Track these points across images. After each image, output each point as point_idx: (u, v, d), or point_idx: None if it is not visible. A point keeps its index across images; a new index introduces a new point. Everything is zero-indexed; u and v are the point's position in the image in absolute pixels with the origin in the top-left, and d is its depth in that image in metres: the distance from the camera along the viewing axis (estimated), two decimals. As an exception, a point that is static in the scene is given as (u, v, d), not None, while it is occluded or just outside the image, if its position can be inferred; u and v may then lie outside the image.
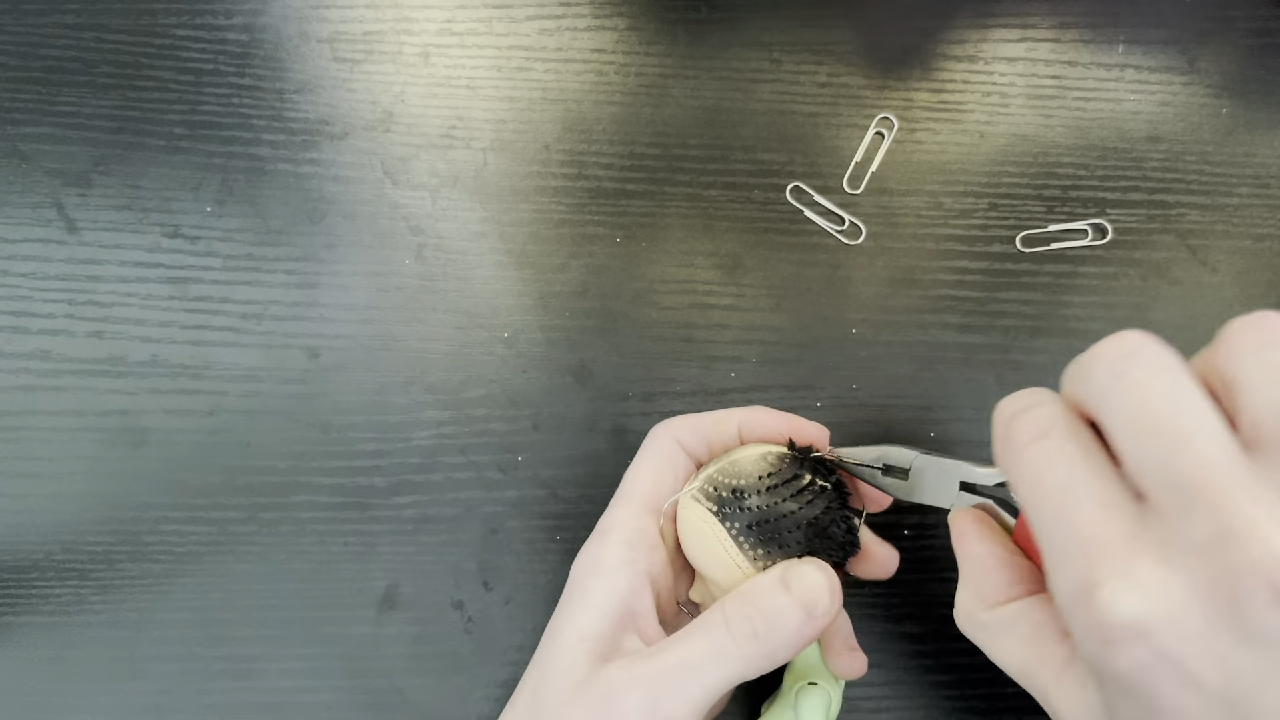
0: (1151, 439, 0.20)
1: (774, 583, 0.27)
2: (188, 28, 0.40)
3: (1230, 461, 0.18)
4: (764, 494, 0.28)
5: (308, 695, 0.35)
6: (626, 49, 0.40)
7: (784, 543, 0.28)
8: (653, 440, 0.31)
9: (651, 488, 0.30)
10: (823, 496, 0.28)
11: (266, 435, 0.37)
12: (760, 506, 0.27)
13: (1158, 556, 0.19)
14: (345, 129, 0.39)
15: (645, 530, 0.29)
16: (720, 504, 0.28)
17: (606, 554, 0.28)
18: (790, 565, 0.27)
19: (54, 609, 0.35)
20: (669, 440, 0.30)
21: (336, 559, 0.36)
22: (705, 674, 0.25)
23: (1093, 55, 0.40)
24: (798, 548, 0.28)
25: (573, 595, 0.28)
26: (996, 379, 0.38)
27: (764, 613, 0.26)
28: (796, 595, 0.26)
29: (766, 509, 0.27)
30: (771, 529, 0.27)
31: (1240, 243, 0.39)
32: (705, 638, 0.26)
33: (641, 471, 0.30)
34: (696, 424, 0.31)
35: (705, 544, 0.28)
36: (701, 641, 0.26)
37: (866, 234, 0.39)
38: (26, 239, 0.38)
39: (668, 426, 0.31)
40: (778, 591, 0.26)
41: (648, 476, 0.30)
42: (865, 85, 0.40)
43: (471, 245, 0.38)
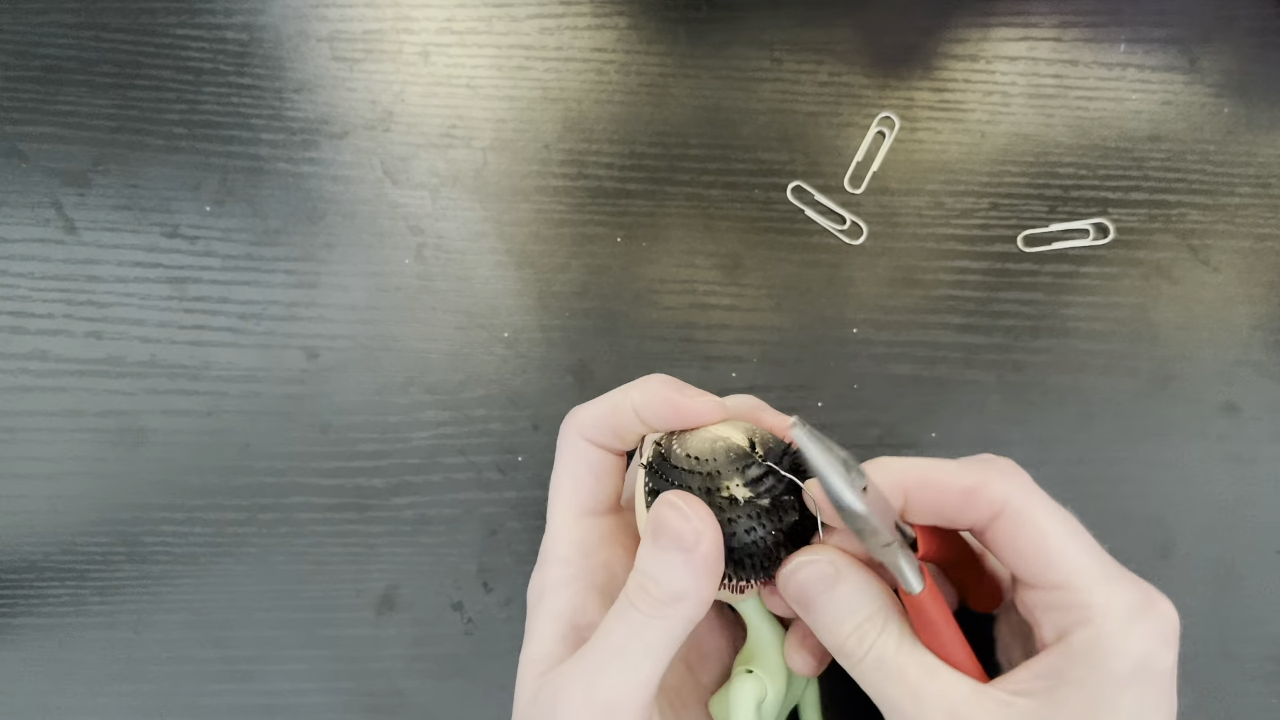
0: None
1: (644, 537, 0.26)
2: (187, 27, 0.40)
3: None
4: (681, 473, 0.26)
5: (306, 697, 0.35)
6: (627, 48, 0.40)
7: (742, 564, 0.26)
8: (562, 443, 0.30)
9: (572, 492, 0.29)
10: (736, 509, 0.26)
11: (265, 436, 0.36)
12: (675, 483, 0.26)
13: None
14: (345, 128, 0.39)
15: (580, 540, 0.28)
16: (650, 461, 0.27)
17: (546, 576, 0.28)
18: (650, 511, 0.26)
19: (52, 610, 0.35)
20: (576, 440, 0.29)
21: (335, 560, 0.36)
22: (631, 652, 0.25)
23: (1094, 54, 0.40)
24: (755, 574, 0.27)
25: (527, 626, 0.28)
26: (998, 379, 0.37)
27: (648, 572, 0.25)
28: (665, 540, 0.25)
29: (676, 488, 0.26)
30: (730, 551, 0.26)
31: (1242, 242, 0.39)
32: (618, 618, 0.25)
33: (561, 480, 0.29)
34: (597, 415, 0.29)
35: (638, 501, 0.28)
36: (616, 622, 0.25)
37: (868, 234, 0.38)
38: (25, 239, 0.38)
39: (572, 422, 0.29)
40: (649, 545, 0.26)
41: (567, 483, 0.29)
42: (866, 84, 0.40)
43: (471, 245, 0.38)
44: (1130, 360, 0.37)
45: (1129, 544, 0.35)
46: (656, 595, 0.25)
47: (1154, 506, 0.36)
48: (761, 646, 0.29)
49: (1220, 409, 0.37)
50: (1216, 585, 0.28)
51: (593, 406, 0.29)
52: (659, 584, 0.25)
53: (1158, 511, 0.36)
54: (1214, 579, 0.27)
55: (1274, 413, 0.37)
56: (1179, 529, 0.36)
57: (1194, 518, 0.36)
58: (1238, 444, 0.37)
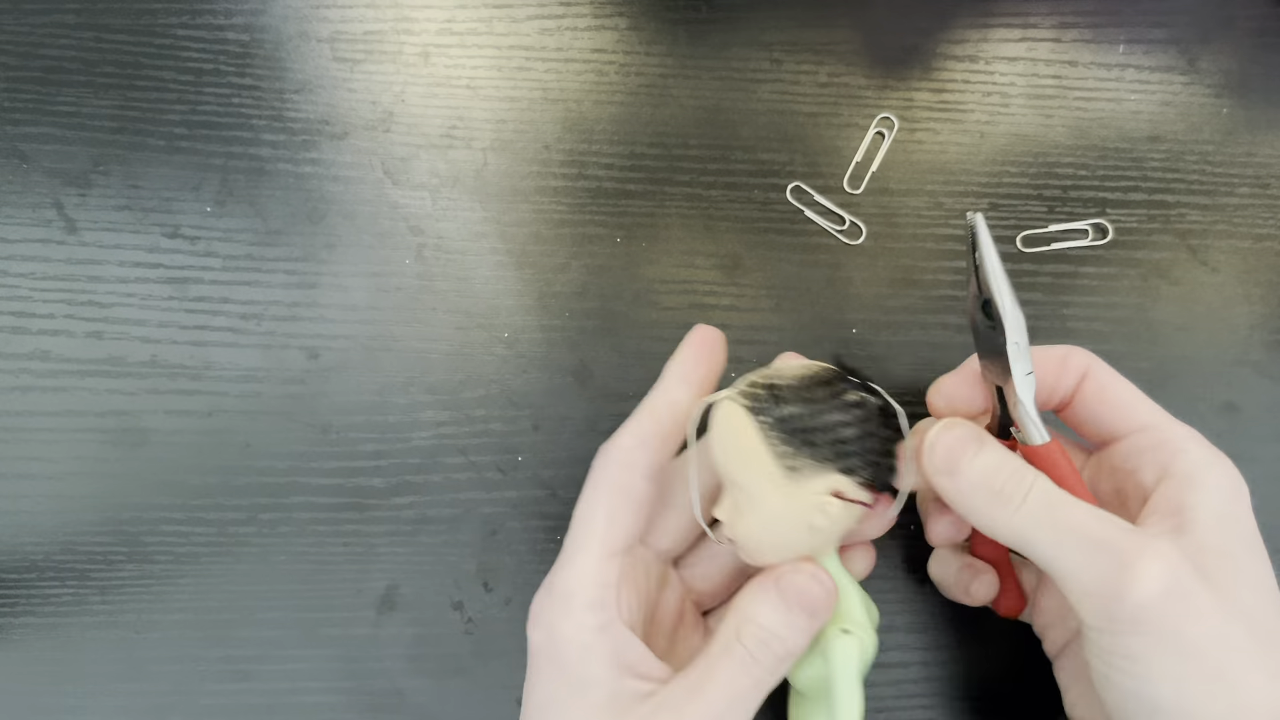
0: None
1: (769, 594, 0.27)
2: (188, 27, 0.40)
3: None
4: (800, 391, 0.26)
5: (307, 696, 0.35)
6: (627, 49, 0.40)
7: (812, 440, 0.26)
8: (598, 474, 0.28)
9: (607, 529, 0.27)
10: (862, 408, 0.27)
11: (266, 436, 0.37)
12: (794, 402, 0.26)
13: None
14: (345, 129, 0.39)
15: (610, 579, 0.27)
16: (754, 399, 0.27)
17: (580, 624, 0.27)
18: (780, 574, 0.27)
19: (53, 610, 0.35)
20: (617, 469, 0.28)
21: (336, 560, 0.36)
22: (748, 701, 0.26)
23: (1093, 55, 0.40)
24: (828, 450, 0.26)
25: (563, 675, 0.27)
26: (997, 379, 0.37)
27: (772, 630, 0.26)
28: (800, 604, 0.26)
29: (799, 406, 0.26)
30: (801, 424, 0.26)
31: (1241, 243, 0.39)
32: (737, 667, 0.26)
33: (595, 513, 0.28)
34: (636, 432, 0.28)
35: (732, 437, 0.27)
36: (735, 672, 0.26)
37: (867, 234, 0.38)
38: (26, 239, 0.38)
39: (612, 450, 0.28)
40: (779, 604, 0.26)
41: (601, 518, 0.28)
42: (866, 85, 0.40)
43: (471, 245, 0.38)
44: (1129, 360, 0.37)
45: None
46: (779, 653, 0.26)
47: (1153, 506, 0.36)
48: (848, 604, 0.29)
49: (1220, 409, 0.37)
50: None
51: (626, 430, 0.28)
52: (784, 644, 0.26)
53: (1157, 511, 0.36)
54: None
55: (1273, 413, 0.37)
56: (1178, 529, 0.36)
57: (1193, 517, 0.36)
58: (1237, 444, 0.37)
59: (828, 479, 0.26)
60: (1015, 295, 0.26)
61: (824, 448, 0.26)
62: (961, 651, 0.35)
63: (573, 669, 0.26)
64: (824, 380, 0.27)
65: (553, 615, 0.27)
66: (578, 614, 0.27)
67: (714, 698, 0.26)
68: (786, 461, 0.26)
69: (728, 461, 0.27)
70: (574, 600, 0.27)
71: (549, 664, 0.27)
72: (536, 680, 0.28)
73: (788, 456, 0.26)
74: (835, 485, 0.26)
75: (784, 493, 0.26)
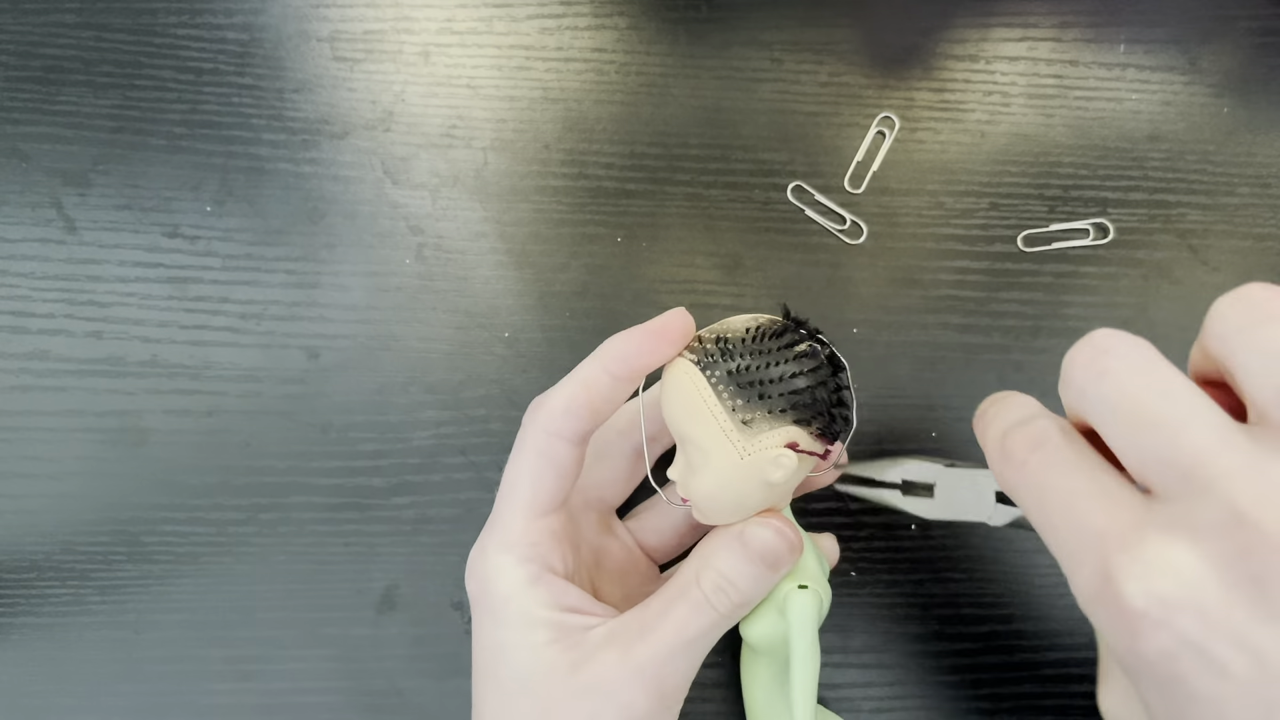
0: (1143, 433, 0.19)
1: (731, 543, 0.27)
2: (187, 27, 0.40)
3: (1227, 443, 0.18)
4: (749, 343, 0.26)
5: (307, 696, 0.35)
6: (627, 48, 0.40)
7: (765, 393, 0.26)
8: (525, 437, 0.28)
9: (531, 493, 0.28)
10: (812, 358, 0.26)
11: (266, 435, 0.37)
12: (743, 356, 0.26)
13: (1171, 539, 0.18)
14: (345, 128, 0.39)
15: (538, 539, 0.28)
16: (703, 354, 0.26)
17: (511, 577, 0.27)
18: (745, 525, 0.27)
19: (53, 610, 0.35)
20: (540, 434, 0.28)
21: (336, 559, 0.36)
22: (700, 645, 0.26)
23: (1094, 54, 0.40)
24: (780, 401, 0.26)
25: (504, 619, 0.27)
26: (998, 379, 0.37)
27: (730, 577, 0.26)
28: (762, 557, 0.26)
29: (749, 358, 0.26)
30: (752, 377, 0.26)
31: (1242, 242, 0.39)
32: (691, 610, 0.26)
33: (520, 477, 0.28)
34: (568, 400, 0.27)
35: (683, 395, 0.26)
36: (689, 615, 0.26)
37: (868, 233, 0.38)
38: (26, 239, 0.38)
39: (538, 416, 0.28)
40: (739, 553, 0.26)
41: (525, 482, 0.28)
42: (866, 84, 0.40)
43: (471, 245, 0.38)
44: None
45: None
46: (735, 600, 0.26)
47: (1154, 506, 0.36)
48: (804, 558, 0.28)
49: (1220, 409, 0.37)
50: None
51: (558, 394, 0.28)
52: (741, 592, 0.26)
53: (1158, 511, 0.36)
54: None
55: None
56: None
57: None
58: (1238, 444, 0.37)
59: (783, 430, 0.26)
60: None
61: (777, 399, 0.26)
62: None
63: (512, 617, 0.27)
64: (774, 332, 0.27)
65: (485, 571, 0.28)
66: (509, 570, 0.27)
67: (666, 637, 0.26)
68: (740, 415, 0.26)
69: (680, 419, 0.27)
70: (504, 558, 0.27)
71: (489, 616, 0.28)
72: (479, 632, 0.28)
73: (741, 410, 0.26)
74: (790, 436, 0.26)
75: (739, 447, 0.26)
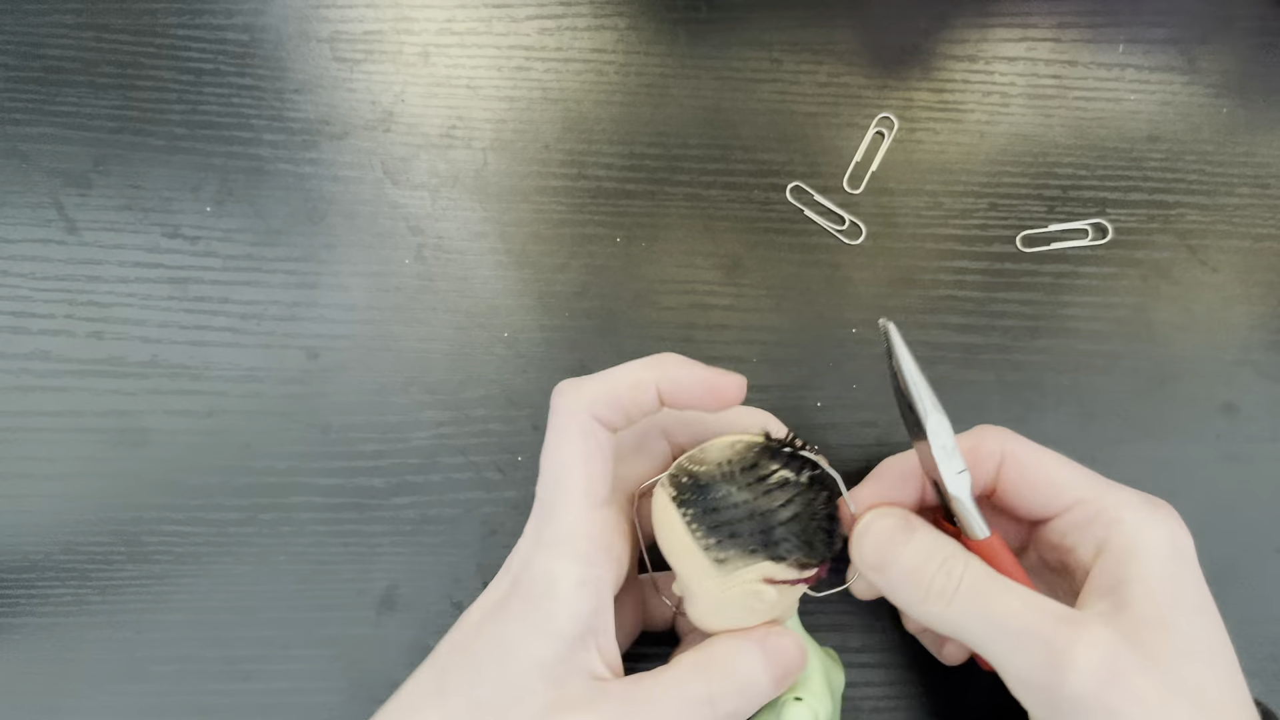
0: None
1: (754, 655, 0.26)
2: (188, 28, 0.40)
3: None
4: (720, 481, 0.26)
5: (306, 696, 0.35)
6: (627, 49, 0.40)
7: (735, 533, 0.26)
8: (566, 421, 0.26)
9: (586, 479, 0.26)
10: (785, 490, 0.26)
11: (266, 436, 0.37)
12: (715, 493, 0.26)
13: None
14: (345, 129, 0.39)
15: (598, 536, 0.26)
16: (680, 489, 0.26)
17: (563, 571, 0.25)
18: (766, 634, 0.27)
19: (53, 610, 0.35)
20: (586, 419, 0.26)
21: (336, 560, 0.36)
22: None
23: (1093, 55, 0.40)
24: (753, 540, 0.26)
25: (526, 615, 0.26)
26: (997, 379, 0.37)
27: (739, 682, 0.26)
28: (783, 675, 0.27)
29: (720, 497, 0.26)
30: (722, 517, 0.26)
31: (1241, 243, 0.39)
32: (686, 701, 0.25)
33: (571, 464, 0.26)
34: (611, 392, 0.26)
35: (666, 530, 0.27)
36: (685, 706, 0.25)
37: (866, 234, 0.38)
38: (26, 239, 0.38)
39: (579, 396, 0.26)
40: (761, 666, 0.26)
41: (579, 469, 0.26)
42: (865, 85, 0.40)
43: (471, 245, 0.38)
44: (1129, 360, 0.37)
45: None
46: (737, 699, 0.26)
47: (1153, 506, 0.36)
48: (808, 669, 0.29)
49: (1219, 409, 0.37)
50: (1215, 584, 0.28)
51: (599, 383, 0.27)
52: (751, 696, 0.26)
53: (1157, 511, 0.36)
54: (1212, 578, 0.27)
55: (1273, 413, 0.37)
56: (1178, 528, 0.36)
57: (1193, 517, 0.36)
58: (1237, 444, 0.37)
59: (756, 568, 0.26)
60: (936, 398, 0.25)
61: (748, 538, 0.26)
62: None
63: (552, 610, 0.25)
64: (748, 463, 0.26)
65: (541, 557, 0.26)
66: (564, 562, 0.26)
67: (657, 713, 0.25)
68: (713, 554, 0.26)
69: (665, 551, 0.27)
70: (563, 548, 0.26)
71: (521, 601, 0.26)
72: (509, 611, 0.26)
73: (714, 549, 0.26)
74: (765, 572, 0.26)
75: (716, 583, 0.26)
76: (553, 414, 0.27)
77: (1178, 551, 0.26)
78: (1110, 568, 0.26)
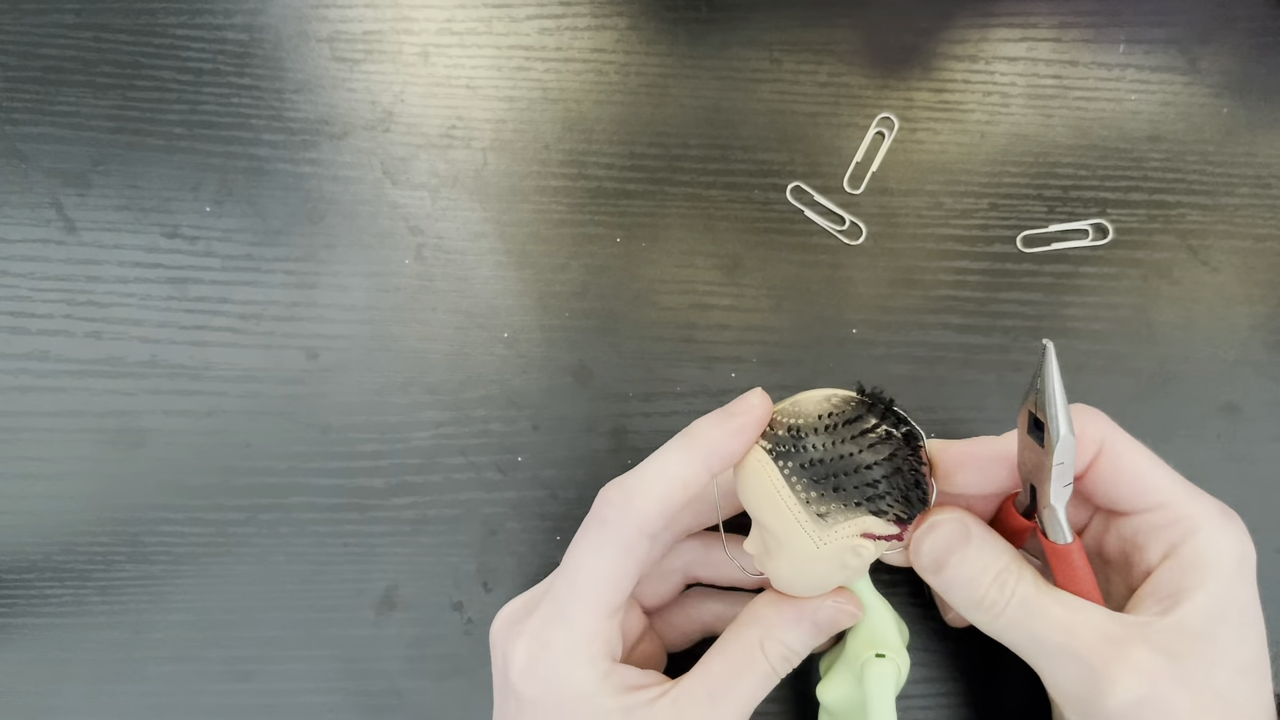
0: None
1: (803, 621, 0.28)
2: (187, 27, 0.40)
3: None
4: (822, 433, 0.26)
5: (306, 697, 0.35)
6: (627, 49, 0.40)
7: (840, 485, 0.25)
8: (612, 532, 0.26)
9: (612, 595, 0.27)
10: (888, 443, 0.26)
11: (265, 436, 0.37)
12: (816, 446, 0.25)
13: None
14: (345, 129, 0.39)
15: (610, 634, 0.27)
16: (776, 443, 0.26)
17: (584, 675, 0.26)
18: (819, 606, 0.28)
19: (53, 610, 0.35)
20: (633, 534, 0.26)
21: (335, 560, 0.36)
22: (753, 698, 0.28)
23: (1094, 55, 0.40)
24: (855, 494, 0.25)
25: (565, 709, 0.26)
26: (997, 379, 0.37)
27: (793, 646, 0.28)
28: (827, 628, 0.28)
29: (823, 449, 0.25)
30: (826, 469, 0.25)
31: (1241, 243, 0.39)
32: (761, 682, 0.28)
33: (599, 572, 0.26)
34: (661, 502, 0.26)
35: (758, 485, 0.26)
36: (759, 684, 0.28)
37: (867, 234, 0.38)
38: (25, 239, 0.38)
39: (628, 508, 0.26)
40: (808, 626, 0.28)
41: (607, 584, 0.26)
42: (866, 85, 0.40)
43: (471, 245, 0.38)
44: (1129, 360, 0.37)
45: (1128, 544, 0.35)
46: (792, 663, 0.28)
47: (1153, 506, 0.36)
48: (882, 626, 0.29)
49: (1220, 409, 0.37)
50: (1216, 585, 0.29)
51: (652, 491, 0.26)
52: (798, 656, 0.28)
53: (1157, 511, 0.36)
54: (1213, 579, 0.28)
55: (1274, 413, 0.37)
56: (1178, 529, 0.36)
57: (1193, 518, 0.36)
58: (1237, 444, 0.37)
59: (858, 521, 0.26)
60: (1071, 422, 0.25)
61: (852, 492, 0.25)
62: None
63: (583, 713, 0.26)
64: (848, 418, 0.26)
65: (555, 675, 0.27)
66: (582, 671, 0.26)
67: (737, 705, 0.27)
68: (815, 508, 0.25)
69: (756, 506, 0.27)
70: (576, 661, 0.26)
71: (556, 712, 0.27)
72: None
73: (816, 502, 0.25)
74: (866, 527, 0.26)
75: (814, 538, 0.26)
76: (595, 518, 0.27)
77: (1242, 567, 0.26)
78: (1175, 575, 0.26)
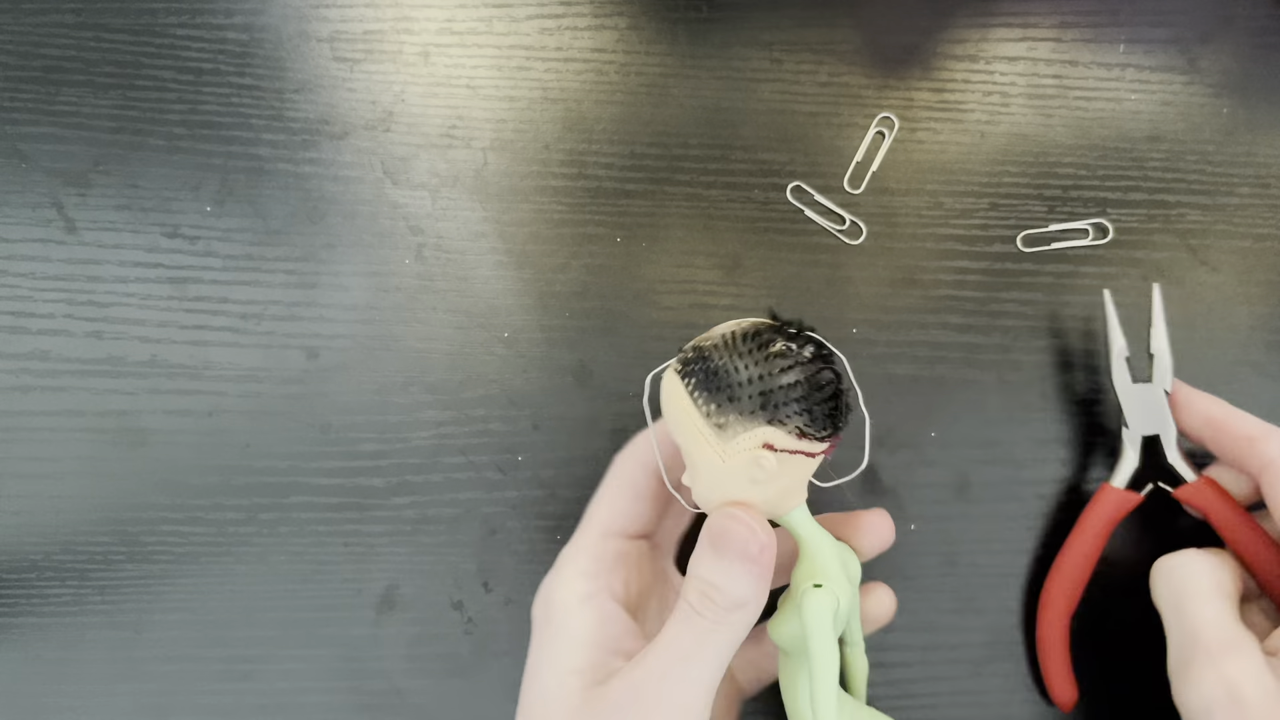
0: None
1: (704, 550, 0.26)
2: (188, 27, 0.40)
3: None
4: (723, 349, 0.26)
5: (306, 696, 0.35)
6: (627, 48, 0.40)
7: (734, 396, 0.26)
8: (615, 466, 0.31)
9: (608, 514, 0.30)
10: (786, 357, 0.26)
11: (266, 435, 0.37)
12: (716, 360, 0.26)
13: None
14: (345, 129, 0.39)
15: (604, 554, 0.29)
16: (684, 362, 0.27)
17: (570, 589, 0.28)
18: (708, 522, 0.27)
19: (53, 610, 0.35)
20: (627, 460, 0.30)
21: (336, 559, 0.36)
22: (700, 659, 0.26)
23: (1094, 55, 0.40)
24: (749, 403, 0.26)
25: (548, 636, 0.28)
26: (997, 379, 0.37)
27: (711, 581, 0.26)
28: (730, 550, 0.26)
29: (721, 361, 0.26)
30: (722, 381, 0.26)
31: (1241, 242, 0.39)
32: (683, 625, 0.26)
33: (599, 499, 0.30)
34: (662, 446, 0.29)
35: (669, 403, 0.27)
36: (682, 629, 0.26)
37: (867, 234, 0.38)
38: (26, 239, 0.38)
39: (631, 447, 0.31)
40: (710, 555, 0.26)
41: (604, 504, 0.30)
42: (866, 85, 0.40)
43: (471, 245, 0.38)
44: (1129, 360, 0.37)
45: (1128, 544, 0.35)
46: (721, 604, 0.26)
47: (1153, 506, 0.36)
48: (821, 558, 0.28)
49: (1220, 409, 0.37)
50: (1216, 585, 0.29)
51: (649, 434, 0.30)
52: (723, 593, 0.26)
53: (1157, 511, 0.36)
54: (1213, 578, 0.28)
55: (1274, 413, 0.37)
56: (1178, 529, 0.36)
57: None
58: (1237, 444, 0.37)
59: (757, 432, 0.26)
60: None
61: (747, 400, 0.26)
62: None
63: (558, 631, 0.28)
64: (750, 334, 0.27)
65: (549, 586, 0.29)
66: (568, 581, 0.29)
67: (660, 655, 0.26)
68: (714, 420, 0.26)
69: (672, 427, 0.27)
70: (566, 569, 0.29)
71: (542, 629, 0.28)
72: (531, 648, 0.29)
73: (715, 414, 0.26)
74: (765, 437, 0.26)
75: (717, 450, 0.26)
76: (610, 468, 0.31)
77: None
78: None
